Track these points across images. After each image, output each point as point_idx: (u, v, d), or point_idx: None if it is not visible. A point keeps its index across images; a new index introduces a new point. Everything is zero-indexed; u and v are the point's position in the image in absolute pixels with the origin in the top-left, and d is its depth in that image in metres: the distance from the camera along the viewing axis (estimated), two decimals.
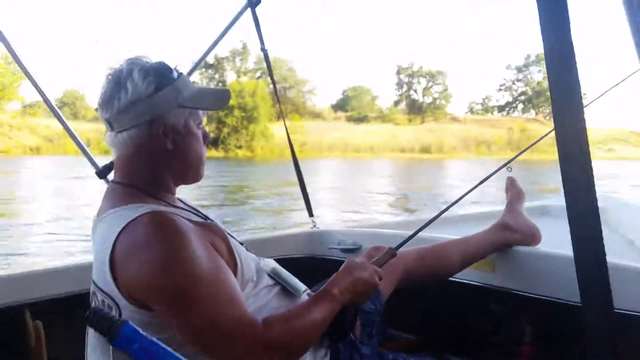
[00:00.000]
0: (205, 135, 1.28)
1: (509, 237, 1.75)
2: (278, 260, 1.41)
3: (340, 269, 1.27)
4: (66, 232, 10.03)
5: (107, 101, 1.20)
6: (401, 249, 1.42)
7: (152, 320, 1.07)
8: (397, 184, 22.77)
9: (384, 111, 71.73)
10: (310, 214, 2.41)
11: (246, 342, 1.04)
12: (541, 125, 72.58)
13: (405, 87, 74.99)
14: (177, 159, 1.23)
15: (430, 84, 74.08)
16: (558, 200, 3.37)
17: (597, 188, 0.84)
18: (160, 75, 1.19)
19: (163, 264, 1.04)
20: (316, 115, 67.39)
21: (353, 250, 2.14)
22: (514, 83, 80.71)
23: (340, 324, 1.21)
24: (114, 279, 1.08)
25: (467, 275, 1.75)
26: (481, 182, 1.68)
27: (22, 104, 55.67)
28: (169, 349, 0.91)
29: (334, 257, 2.21)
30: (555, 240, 1.77)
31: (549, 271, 1.65)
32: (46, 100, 2.03)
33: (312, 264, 2.22)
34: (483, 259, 1.73)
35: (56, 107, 2.07)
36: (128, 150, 1.21)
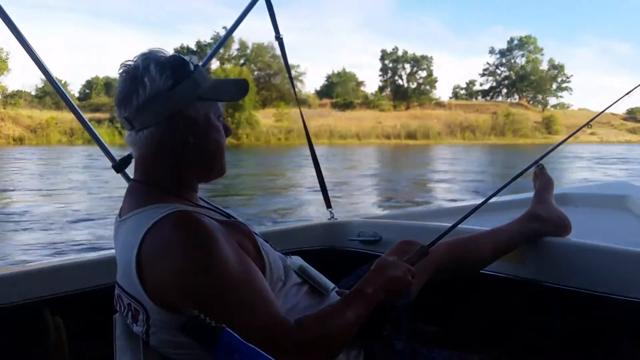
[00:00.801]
0: (226, 128, 1.24)
1: (539, 228, 1.69)
2: (296, 253, 1.37)
3: (372, 267, 1.23)
4: None
5: (125, 99, 1.14)
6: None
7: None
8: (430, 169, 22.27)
9: (369, 97, 71.95)
10: (328, 205, 2.31)
11: (279, 344, 1.00)
12: (526, 110, 73.26)
13: (390, 73, 75.31)
14: (199, 153, 1.18)
15: (415, 69, 74.44)
16: (578, 188, 3.34)
17: (617, 172, 0.80)
18: (177, 69, 1.14)
19: (193, 266, 1.00)
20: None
21: (374, 242, 2.09)
22: (497, 68, 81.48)
23: (372, 322, 1.19)
24: (141, 282, 1.04)
25: (495, 267, 1.69)
26: (518, 175, 1.63)
27: (2, 93, 54.92)
28: (269, 357, 0.83)
29: (354, 249, 2.15)
30: (581, 229, 1.74)
31: (580, 262, 1.60)
32: (60, 92, 1.94)
33: (332, 256, 2.15)
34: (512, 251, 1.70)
35: (70, 99, 1.97)
36: (149, 148, 1.16)
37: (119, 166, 1.77)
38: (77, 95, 70.39)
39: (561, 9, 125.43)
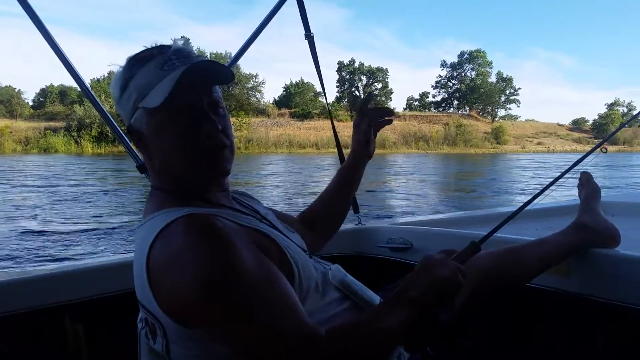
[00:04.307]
0: (194, 122, 1.03)
1: (587, 239, 1.60)
2: (322, 259, 1.29)
3: (416, 267, 1.08)
4: None
5: None
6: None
7: (202, 338, 0.95)
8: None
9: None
10: (356, 210, 2.18)
11: (307, 356, 0.89)
12: (476, 121, 76.24)
13: (346, 84, 77.00)
14: (162, 165, 1.08)
15: (371, 80, 76.44)
16: (614, 196, 3.29)
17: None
18: (127, 73, 1.05)
19: (204, 274, 0.88)
20: (260, 112, 67.99)
21: (404, 249, 2.02)
22: (449, 80, 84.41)
23: (418, 332, 1.04)
24: (153, 293, 0.95)
25: (539, 280, 1.60)
26: (570, 168, 1.60)
27: None
28: None
29: (383, 256, 2.08)
30: (625, 240, 1.67)
31: (630, 276, 1.50)
32: (85, 91, 1.89)
33: (359, 263, 2.08)
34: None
35: (95, 96, 1.91)
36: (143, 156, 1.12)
37: (143, 167, 1.69)
38: (30, 103, 68.98)
39: (509, 22, 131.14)
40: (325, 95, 2.33)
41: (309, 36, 2.19)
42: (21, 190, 15.64)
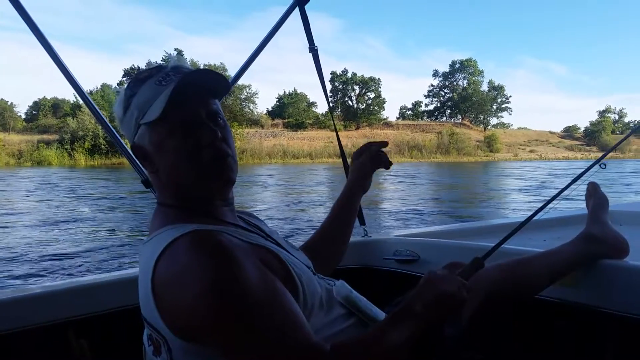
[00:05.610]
0: (192, 135, 1.04)
1: (595, 250, 1.58)
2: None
3: (421, 282, 1.09)
4: None
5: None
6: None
7: (206, 354, 0.94)
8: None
9: (321, 117, 73.46)
10: (362, 222, 2.13)
11: None
12: (468, 130, 76.64)
13: (340, 94, 77.28)
14: (168, 179, 1.08)
15: (363, 90, 76.78)
16: (622, 205, 3.25)
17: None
18: (128, 93, 1.08)
19: (208, 290, 0.88)
20: (254, 122, 68.11)
21: (411, 262, 2.00)
22: (441, 89, 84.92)
23: (424, 347, 1.05)
24: (159, 310, 0.95)
25: (547, 291, 1.57)
26: (573, 181, 1.59)
27: None
28: None
29: (390, 269, 2.06)
30: (633, 250, 1.63)
31: (639, 287, 1.49)
32: (87, 102, 1.89)
33: (366, 275, 2.06)
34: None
35: (98, 110, 1.91)
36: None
37: (148, 181, 1.71)
38: (23, 116, 68.74)
39: (499, 32, 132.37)
40: (330, 107, 2.33)
41: (313, 49, 2.19)
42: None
